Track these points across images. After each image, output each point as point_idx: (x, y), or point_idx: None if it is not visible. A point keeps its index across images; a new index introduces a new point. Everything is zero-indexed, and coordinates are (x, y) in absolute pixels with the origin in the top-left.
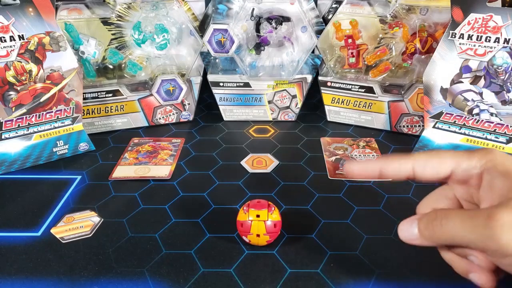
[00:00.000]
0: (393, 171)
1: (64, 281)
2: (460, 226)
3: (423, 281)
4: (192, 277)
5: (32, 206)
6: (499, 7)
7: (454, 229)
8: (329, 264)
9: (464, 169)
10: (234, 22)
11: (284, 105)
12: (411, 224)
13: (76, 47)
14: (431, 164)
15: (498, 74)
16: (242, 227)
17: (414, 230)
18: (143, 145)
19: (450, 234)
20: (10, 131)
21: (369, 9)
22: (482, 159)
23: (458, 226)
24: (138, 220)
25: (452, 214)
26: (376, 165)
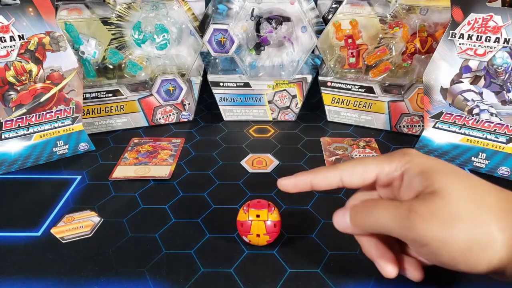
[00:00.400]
0: (323, 183)
1: (64, 281)
2: (385, 215)
3: (423, 281)
4: (192, 277)
5: (32, 206)
6: (499, 7)
7: (379, 218)
8: (329, 264)
9: (387, 173)
10: (234, 22)
11: (284, 105)
12: (344, 214)
13: (76, 47)
14: (357, 172)
15: (498, 74)
16: (242, 227)
17: (346, 220)
18: (143, 145)
19: (376, 222)
20: (10, 131)
21: (369, 9)
22: (401, 162)
23: (384, 215)
24: (138, 220)
25: (379, 204)
26: (307, 178)
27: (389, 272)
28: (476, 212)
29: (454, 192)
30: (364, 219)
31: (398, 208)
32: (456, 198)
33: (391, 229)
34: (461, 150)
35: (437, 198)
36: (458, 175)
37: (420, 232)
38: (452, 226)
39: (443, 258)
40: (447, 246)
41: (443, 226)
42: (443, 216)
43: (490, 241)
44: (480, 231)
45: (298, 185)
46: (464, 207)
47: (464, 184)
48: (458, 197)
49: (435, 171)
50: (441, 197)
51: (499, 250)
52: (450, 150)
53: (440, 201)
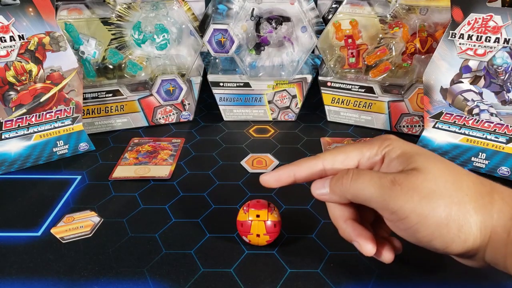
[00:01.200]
0: (306, 173)
1: (64, 281)
2: (368, 184)
3: (423, 281)
4: (192, 277)
5: (32, 206)
6: (499, 7)
7: (362, 185)
8: (329, 264)
9: (368, 158)
10: (234, 22)
11: (284, 105)
12: (324, 182)
13: (76, 47)
14: (338, 159)
15: (498, 74)
16: (242, 227)
17: (325, 186)
18: (143, 145)
19: (358, 189)
20: (10, 131)
21: (369, 9)
22: (381, 146)
23: (367, 183)
24: (138, 220)
25: (363, 172)
26: (289, 171)
27: (369, 250)
28: (454, 191)
29: (434, 171)
30: (345, 184)
31: (382, 178)
32: (436, 176)
33: (372, 198)
34: (461, 150)
35: (418, 173)
36: (437, 158)
37: (401, 204)
38: (432, 201)
39: (419, 234)
40: (425, 220)
41: (423, 200)
42: (423, 191)
43: (466, 220)
44: (458, 209)
45: (281, 179)
46: (443, 184)
47: (443, 165)
48: (438, 175)
49: (414, 153)
50: (422, 173)
51: (474, 231)
52: (450, 150)
53: (421, 176)
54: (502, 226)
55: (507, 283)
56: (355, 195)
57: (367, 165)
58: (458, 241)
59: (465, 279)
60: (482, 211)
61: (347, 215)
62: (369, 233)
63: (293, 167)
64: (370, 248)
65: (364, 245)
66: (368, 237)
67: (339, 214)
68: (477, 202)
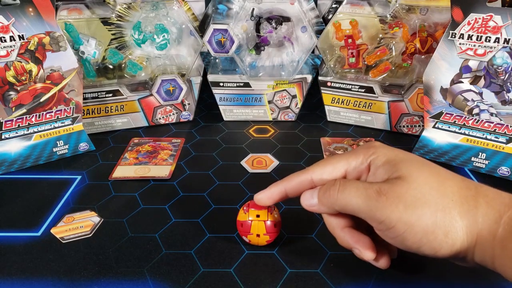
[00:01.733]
0: (297, 188)
1: (64, 281)
2: (355, 194)
3: (423, 281)
4: (192, 277)
5: (32, 206)
6: (499, 7)
7: (349, 197)
8: (329, 264)
9: (354, 167)
10: (234, 22)
11: (284, 105)
12: (312, 193)
13: (76, 47)
14: (326, 171)
15: (498, 74)
16: (242, 227)
17: (314, 198)
18: (143, 145)
19: (345, 201)
20: (10, 131)
21: (369, 9)
22: (366, 155)
23: (353, 195)
24: (138, 220)
25: (349, 183)
26: (280, 187)
27: (369, 256)
28: (439, 198)
29: (419, 178)
30: (332, 196)
31: (368, 189)
32: (421, 184)
33: (359, 209)
34: (461, 150)
35: (403, 182)
36: (422, 163)
37: (387, 214)
38: (417, 209)
39: (408, 241)
40: (412, 228)
41: (408, 208)
42: (408, 199)
43: (452, 225)
44: (443, 215)
45: (273, 197)
46: (428, 192)
47: (428, 171)
48: (422, 183)
49: (399, 160)
50: (407, 181)
51: (461, 235)
52: (450, 150)
53: (405, 185)
54: (488, 230)
55: (507, 283)
56: (343, 207)
57: (354, 174)
58: (446, 246)
59: (465, 279)
60: (467, 215)
61: (343, 223)
62: (367, 238)
63: (284, 182)
64: (369, 254)
65: (364, 252)
66: (367, 243)
67: (336, 222)
68: (462, 207)
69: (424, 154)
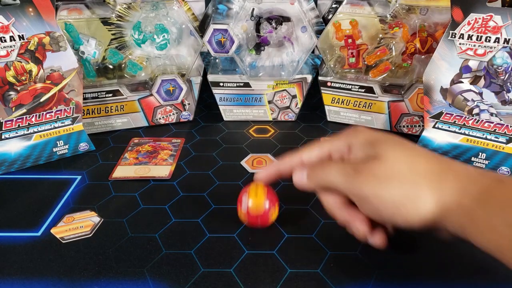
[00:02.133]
0: (289, 167)
1: (64, 281)
2: (336, 172)
3: (423, 281)
4: (192, 277)
5: (32, 206)
6: (499, 7)
7: (331, 175)
8: (329, 264)
9: (337, 149)
10: (234, 22)
11: (284, 105)
12: (302, 173)
13: (76, 47)
14: (314, 152)
15: (498, 74)
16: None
17: (304, 176)
18: (143, 145)
19: (328, 178)
20: (10, 131)
21: (369, 9)
22: (348, 138)
23: (334, 173)
24: (138, 220)
25: (331, 164)
26: (274, 167)
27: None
28: (409, 173)
29: (391, 157)
30: (318, 175)
31: (347, 168)
32: (392, 161)
33: (340, 185)
34: (461, 150)
35: (377, 161)
36: (396, 143)
37: (362, 188)
38: (387, 184)
39: (382, 213)
40: (383, 201)
41: (379, 184)
42: (381, 176)
43: (420, 197)
44: (412, 188)
45: (269, 175)
46: (398, 168)
47: (401, 150)
48: (394, 160)
49: (375, 140)
50: (381, 160)
51: (430, 207)
52: (450, 150)
53: (379, 164)
54: (454, 201)
55: (507, 283)
56: (327, 183)
57: (337, 155)
58: (416, 217)
59: (465, 279)
60: (435, 188)
61: (339, 201)
62: (361, 214)
63: (278, 162)
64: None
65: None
66: (360, 217)
67: (333, 201)
68: (431, 181)
69: None
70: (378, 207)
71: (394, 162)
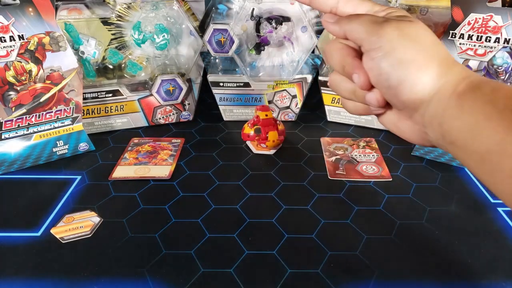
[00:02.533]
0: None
1: (64, 281)
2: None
3: (423, 281)
4: (192, 277)
5: (32, 206)
6: (499, 7)
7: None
8: (329, 264)
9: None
10: (234, 22)
11: (284, 105)
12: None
13: (76, 47)
14: (352, 3)
15: (498, 74)
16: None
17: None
18: (143, 145)
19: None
20: (10, 131)
21: None
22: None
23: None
24: (138, 220)
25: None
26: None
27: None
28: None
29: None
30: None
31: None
32: (421, 30)
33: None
34: None
35: (408, 22)
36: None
37: (381, 34)
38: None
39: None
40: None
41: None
42: (404, 32)
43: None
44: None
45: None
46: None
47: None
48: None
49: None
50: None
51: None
52: None
53: (409, 24)
54: (452, 83)
55: (507, 283)
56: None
57: None
58: (410, 82)
59: (465, 279)
60: (442, 66)
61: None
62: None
63: None
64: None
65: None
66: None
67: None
68: (442, 60)
69: (424, 154)
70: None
71: (422, 31)
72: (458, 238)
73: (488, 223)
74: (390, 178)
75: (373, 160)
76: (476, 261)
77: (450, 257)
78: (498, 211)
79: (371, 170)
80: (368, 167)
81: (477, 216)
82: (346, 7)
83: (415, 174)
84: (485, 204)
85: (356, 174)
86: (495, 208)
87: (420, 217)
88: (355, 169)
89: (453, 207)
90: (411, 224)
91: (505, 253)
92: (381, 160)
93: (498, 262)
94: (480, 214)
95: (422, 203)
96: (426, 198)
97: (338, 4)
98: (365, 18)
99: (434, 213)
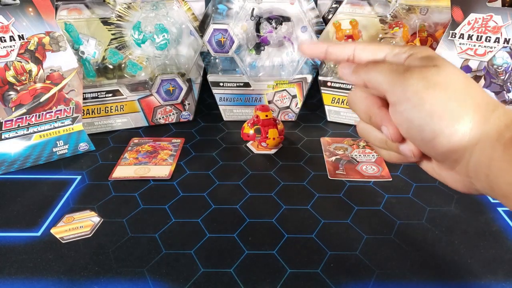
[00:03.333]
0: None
1: (64, 281)
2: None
3: (423, 281)
4: (192, 277)
5: (32, 206)
6: (499, 7)
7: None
8: (329, 264)
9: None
10: (234, 22)
11: (284, 105)
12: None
13: (76, 47)
14: (369, 49)
15: (498, 74)
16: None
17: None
18: (143, 145)
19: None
20: (10, 131)
21: (369, 9)
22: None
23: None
24: (138, 220)
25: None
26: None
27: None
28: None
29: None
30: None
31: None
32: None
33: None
34: None
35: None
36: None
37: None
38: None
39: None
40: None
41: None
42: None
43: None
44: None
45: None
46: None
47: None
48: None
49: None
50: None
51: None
52: None
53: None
54: (496, 130)
55: (507, 283)
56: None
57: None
58: (447, 133)
59: (465, 279)
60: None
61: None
62: None
63: (328, 43)
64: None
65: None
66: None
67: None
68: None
69: None
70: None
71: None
72: (458, 238)
73: (488, 223)
74: (390, 178)
75: (373, 160)
76: (476, 261)
77: (450, 257)
78: (498, 211)
79: (371, 170)
80: (368, 167)
81: (477, 216)
82: (363, 53)
83: (415, 174)
84: (485, 204)
85: (356, 174)
86: (495, 208)
87: (420, 217)
88: (355, 169)
89: (453, 207)
90: (411, 224)
91: (505, 253)
92: (381, 160)
93: (498, 262)
94: (480, 214)
95: (422, 203)
96: (426, 198)
97: (354, 52)
98: (384, 67)
99: (434, 213)
